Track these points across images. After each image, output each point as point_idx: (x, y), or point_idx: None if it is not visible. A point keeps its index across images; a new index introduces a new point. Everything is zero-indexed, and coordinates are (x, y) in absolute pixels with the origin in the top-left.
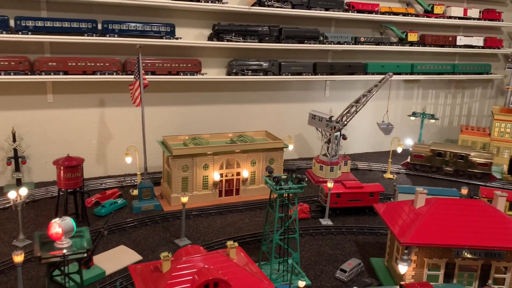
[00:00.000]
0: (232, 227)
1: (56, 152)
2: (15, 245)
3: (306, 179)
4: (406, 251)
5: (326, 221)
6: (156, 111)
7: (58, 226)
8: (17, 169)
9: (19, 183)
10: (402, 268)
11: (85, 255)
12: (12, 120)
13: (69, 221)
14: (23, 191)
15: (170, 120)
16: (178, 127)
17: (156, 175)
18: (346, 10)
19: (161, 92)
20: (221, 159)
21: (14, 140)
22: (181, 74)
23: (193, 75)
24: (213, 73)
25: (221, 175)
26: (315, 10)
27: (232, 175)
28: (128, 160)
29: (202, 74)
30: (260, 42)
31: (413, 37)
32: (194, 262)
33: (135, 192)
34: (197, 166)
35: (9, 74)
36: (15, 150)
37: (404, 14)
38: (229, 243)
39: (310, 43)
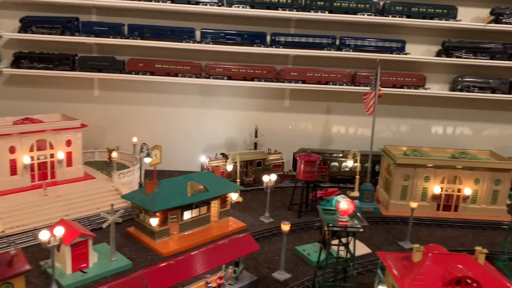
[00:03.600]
0: (454, 241)
1: (288, 148)
2: (261, 220)
3: None
4: None
5: None
6: (378, 121)
7: (350, 203)
8: None
9: None
10: None
11: (361, 230)
12: (256, 118)
13: (356, 202)
14: (273, 177)
15: (389, 130)
16: (396, 138)
17: None
18: None
19: (385, 104)
20: (443, 173)
21: (256, 136)
22: (405, 87)
23: (417, 89)
24: (436, 88)
25: (441, 189)
26: None
27: (453, 190)
28: (350, 163)
29: (426, 89)
30: (491, 59)
31: None
32: (444, 258)
33: (352, 193)
34: (418, 177)
35: (260, 80)
36: (255, 144)
37: None
38: (478, 248)
39: None
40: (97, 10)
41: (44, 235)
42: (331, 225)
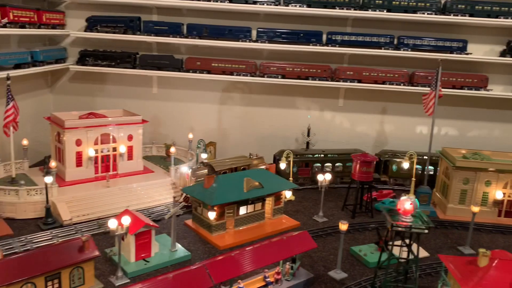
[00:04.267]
0: None
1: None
2: (315, 219)
3: None
4: None
5: None
6: (436, 123)
7: (410, 203)
8: None
9: None
10: None
11: (426, 231)
12: (307, 117)
13: (415, 202)
14: (328, 176)
15: (448, 132)
16: (455, 140)
17: None
18: None
19: (444, 105)
20: (506, 177)
21: (308, 135)
22: (465, 88)
23: (478, 90)
24: (499, 89)
25: (504, 194)
26: None
27: None
28: (406, 165)
29: (487, 90)
30: None
31: None
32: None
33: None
34: (478, 181)
35: (315, 79)
36: (307, 143)
37: None
38: None
39: None
40: (157, 10)
41: (112, 224)
42: (395, 225)
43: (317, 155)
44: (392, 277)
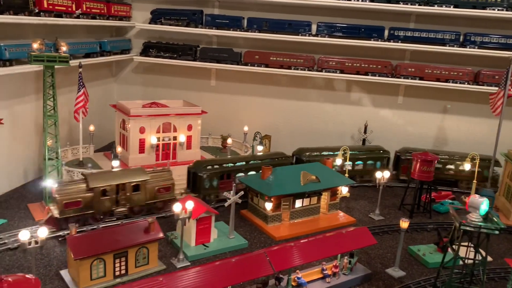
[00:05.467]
0: None
1: (396, 148)
2: (370, 217)
3: None
4: None
5: None
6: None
7: (483, 202)
8: None
9: None
10: None
11: (497, 232)
12: (366, 114)
13: (486, 201)
14: (386, 174)
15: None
16: None
17: None
18: None
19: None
20: None
21: (365, 132)
22: None
23: None
24: None
25: None
26: None
27: None
28: (467, 167)
29: None
30: None
31: None
32: None
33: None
34: None
35: (375, 75)
36: (363, 140)
37: None
38: None
39: None
40: (219, 4)
41: (177, 207)
42: (464, 224)
43: (239, 164)
44: (456, 278)
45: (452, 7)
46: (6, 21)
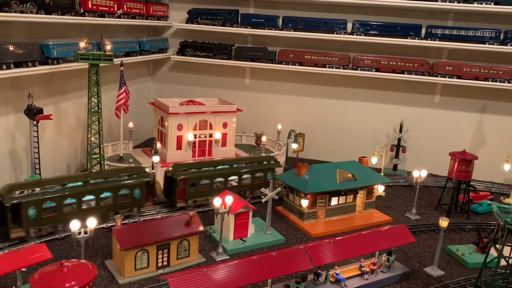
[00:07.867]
0: None
1: (432, 148)
2: (407, 216)
3: None
4: None
5: None
6: None
7: None
8: (397, 156)
9: (395, 168)
10: None
11: None
12: (402, 113)
13: None
14: (424, 173)
15: None
16: None
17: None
18: None
19: None
20: None
21: (400, 131)
22: None
23: None
24: None
25: None
26: None
27: None
28: (507, 167)
29: None
30: None
31: None
32: None
33: (507, 199)
34: None
35: (411, 74)
36: (399, 139)
37: None
38: None
39: None
40: (255, 3)
41: (217, 202)
42: (509, 223)
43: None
44: (499, 278)
45: (492, 4)
46: (54, 21)
